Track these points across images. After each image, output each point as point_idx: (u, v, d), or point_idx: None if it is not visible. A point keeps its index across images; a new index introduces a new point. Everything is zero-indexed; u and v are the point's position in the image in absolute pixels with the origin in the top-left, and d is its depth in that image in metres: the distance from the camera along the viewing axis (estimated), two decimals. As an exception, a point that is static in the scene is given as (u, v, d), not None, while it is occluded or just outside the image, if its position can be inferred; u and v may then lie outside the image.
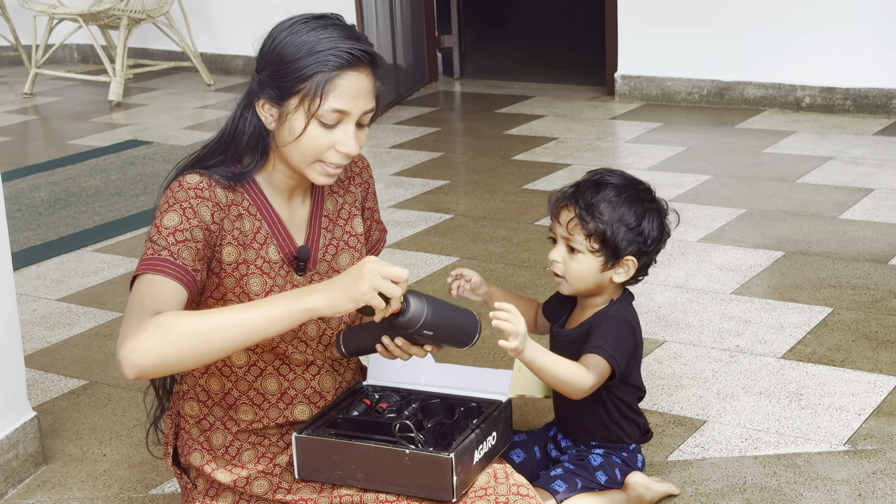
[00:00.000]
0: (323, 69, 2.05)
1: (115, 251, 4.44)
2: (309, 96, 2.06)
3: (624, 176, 2.35)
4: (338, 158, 2.11)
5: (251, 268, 2.16)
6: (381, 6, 6.62)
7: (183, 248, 2.05)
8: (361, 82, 2.08)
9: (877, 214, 4.40)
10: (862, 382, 3.10)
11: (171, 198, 2.10)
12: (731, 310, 3.61)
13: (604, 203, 2.28)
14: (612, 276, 2.33)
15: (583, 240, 2.29)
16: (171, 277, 2.02)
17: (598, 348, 2.28)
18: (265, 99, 2.11)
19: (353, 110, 2.08)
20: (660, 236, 2.34)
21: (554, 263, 2.33)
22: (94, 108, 7.04)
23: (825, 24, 5.90)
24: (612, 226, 2.27)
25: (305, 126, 2.07)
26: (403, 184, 5.13)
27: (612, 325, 2.32)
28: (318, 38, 2.07)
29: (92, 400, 3.24)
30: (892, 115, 5.81)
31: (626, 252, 2.30)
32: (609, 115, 6.22)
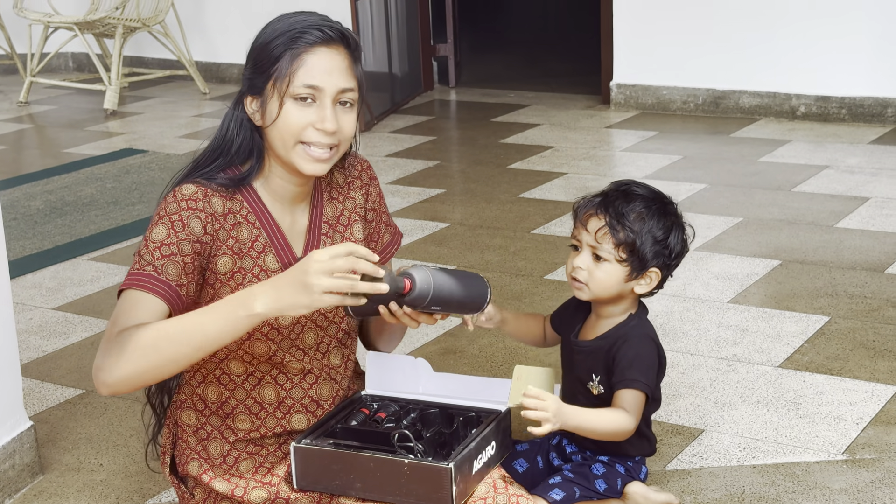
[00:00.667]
0: (292, 47, 2.07)
1: (111, 260, 4.43)
2: (280, 76, 2.07)
3: (650, 188, 2.37)
4: (318, 136, 2.09)
5: (248, 276, 2.16)
6: (376, 15, 6.63)
7: (168, 262, 2.05)
8: (333, 58, 2.08)
9: (873, 223, 4.40)
10: (859, 391, 3.10)
11: (163, 209, 2.10)
12: (728, 318, 3.61)
13: (634, 214, 2.29)
14: (633, 287, 2.34)
15: (611, 248, 2.30)
16: (152, 293, 2.03)
17: (632, 381, 2.28)
18: (250, 94, 2.13)
19: (325, 86, 2.08)
20: (682, 251, 2.37)
21: (578, 270, 2.32)
22: (90, 116, 7.03)
23: (820, 34, 5.91)
24: (642, 236, 2.29)
25: (280, 106, 2.08)
26: (399, 192, 5.13)
27: (638, 347, 2.32)
28: (289, 23, 2.11)
29: (88, 409, 3.23)
30: (887, 124, 5.82)
31: (651, 264, 2.31)
32: (605, 123, 6.22)
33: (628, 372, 2.29)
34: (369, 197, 2.34)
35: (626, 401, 2.29)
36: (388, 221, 2.40)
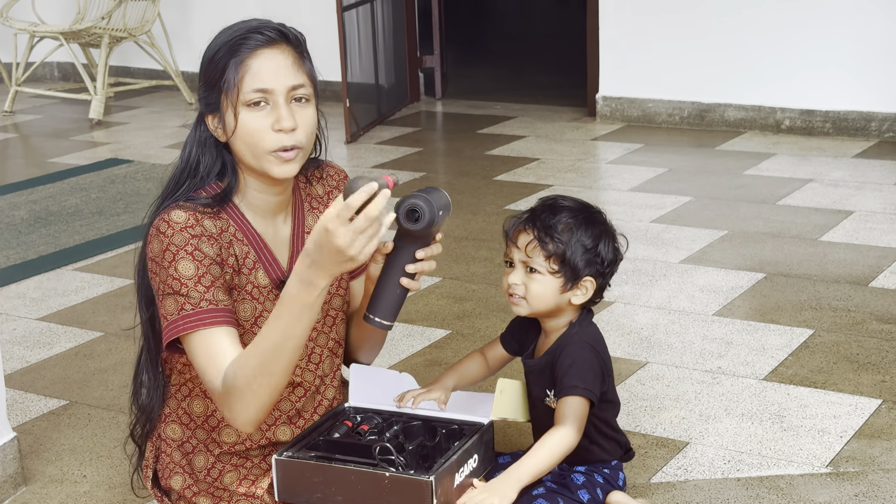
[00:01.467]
0: (235, 55, 2.07)
1: (96, 270, 4.42)
2: (229, 87, 2.07)
3: (577, 200, 2.41)
4: (281, 139, 2.08)
5: (242, 293, 2.16)
6: (363, 26, 6.63)
7: (215, 290, 2.07)
8: (276, 58, 2.08)
9: (857, 237, 4.42)
10: (843, 404, 3.11)
11: (171, 244, 2.07)
12: (712, 331, 3.62)
13: (561, 225, 2.33)
14: (570, 298, 2.37)
15: (542, 261, 2.33)
16: (220, 325, 2.04)
17: (570, 388, 2.31)
18: (208, 112, 2.12)
19: (274, 87, 2.07)
20: (614, 259, 2.40)
21: (513, 286, 2.36)
22: (75, 126, 7.02)
23: (805, 48, 5.94)
24: (571, 246, 2.32)
25: (235, 117, 2.07)
26: (385, 204, 5.12)
27: (574, 354, 2.35)
28: (229, 33, 2.11)
29: (72, 420, 3.22)
30: (871, 138, 5.85)
31: (584, 273, 2.35)
32: (590, 136, 6.24)
33: (566, 379, 2.33)
34: None
35: (565, 410, 2.31)
36: None
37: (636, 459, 2.84)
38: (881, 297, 3.83)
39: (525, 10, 12.50)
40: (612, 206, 4.97)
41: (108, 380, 3.46)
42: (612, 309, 3.83)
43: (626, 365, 3.41)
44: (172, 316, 2.05)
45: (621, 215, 4.81)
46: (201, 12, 7.74)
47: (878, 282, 3.96)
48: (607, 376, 2.42)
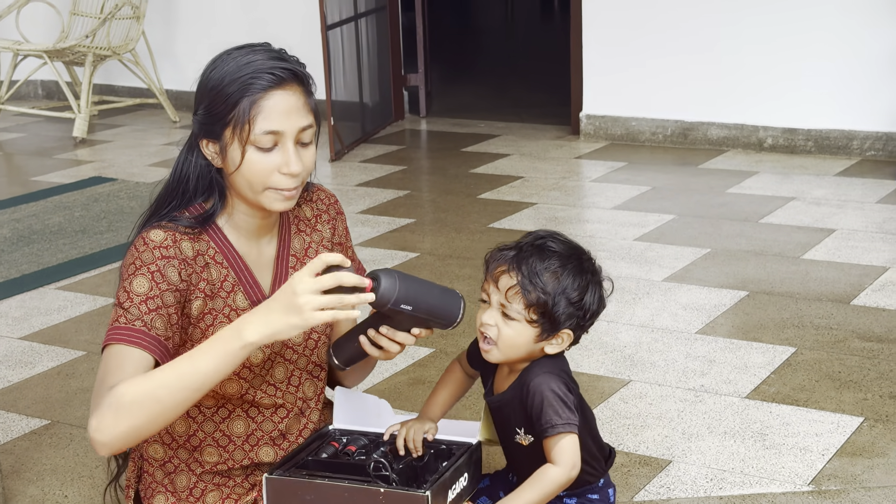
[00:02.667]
0: (246, 94, 2.04)
1: (79, 289, 4.41)
2: (239, 124, 2.05)
3: (568, 243, 2.23)
4: (285, 181, 2.08)
5: (219, 317, 2.15)
6: (347, 44, 6.65)
7: (156, 316, 2.03)
8: (289, 100, 2.06)
9: (839, 255, 4.44)
10: (825, 422, 3.12)
11: (138, 259, 2.07)
12: (695, 349, 3.63)
13: (548, 274, 2.15)
14: (543, 346, 2.21)
15: (521, 309, 2.16)
16: (143, 348, 2.00)
17: (550, 428, 2.16)
18: (205, 137, 2.11)
19: (286, 129, 2.06)
20: (598, 309, 2.24)
21: (487, 327, 2.20)
22: (59, 144, 7.00)
23: (787, 67, 5.98)
24: (555, 297, 2.14)
25: (242, 154, 2.06)
26: (369, 222, 5.13)
27: (543, 389, 2.19)
28: (240, 65, 2.07)
29: (54, 440, 3.20)
30: (852, 157, 5.88)
31: (564, 325, 2.18)
32: (574, 154, 6.25)
33: (543, 419, 2.17)
34: (336, 231, 2.34)
35: (555, 450, 2.18)
36: (352, 256, 2.40)
37: (619, 478, 2.84)
38: (863, 315, 3.85)
39: (509, 29, 12.55)
40: (595, 224, 4.98)
41: (91, 399, 3.44)
42: (595, 327, 3.81)
43: (609, 383, 3.42)
44: (111, 322, 2.05)
45: (605, 233, 4.82)
46: (186, 31, 7.75)
47: (859, 300, 3.98)
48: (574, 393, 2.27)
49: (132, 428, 1.93)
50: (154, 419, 1.94)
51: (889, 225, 4.78)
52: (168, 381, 1.93)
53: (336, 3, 6.46)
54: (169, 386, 1.92)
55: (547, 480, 2.18)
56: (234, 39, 6.27)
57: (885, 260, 4.35)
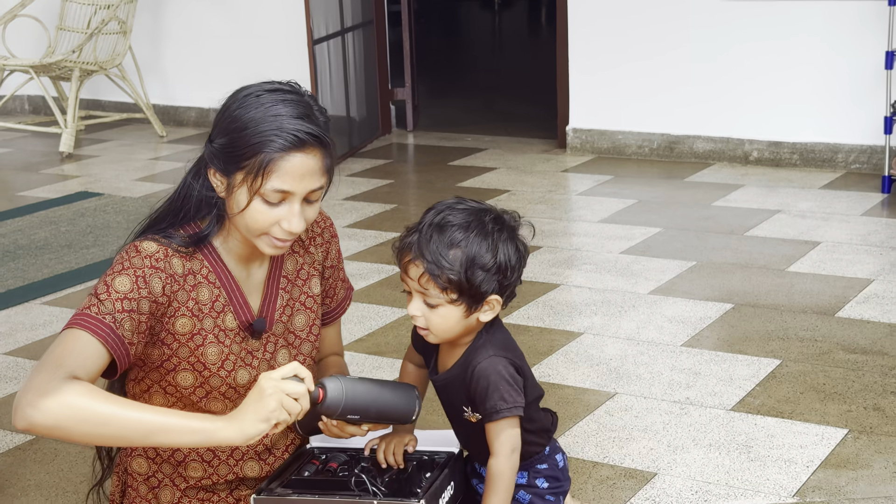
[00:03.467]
0: (266, 149, 2.03)
1: (64, 304, 4.40)
2: (252, 174, 2.04)
3: (466, 209, 2.15)
4: (283, 234, 2.09)
5: (209, 337, 2.15)
6: (334, 58, 6.66)
7: (127, 318, 2.02)
8: (307, 163, 2.05)
9: (824, 267, 4.45)
10: (810, 434, 3.13)
11: (127, 261, 2.07)
12: (681, 362, 3.64)
13: (452, 250, 2.09)
14: (478, 317, 2.17)
15: (438, 294, 2.11)
16: (104, 343, 1.98)
17: (494, 413, 2.15)
18: (215, 168, 2.11)
19: (296, 190, 2.06)
20: (518, 261, 2.18)
21: (415, 318, 2.17)
22: (45, 159, 6.99)
23: (772, 80, 6.00)
24: (466, 272, 2.09)
25: (248, 202, 2.06)
26: (357, 236, 5.13)
27: (489, 373, 2.17)
28: (266, 115, 2.04)
29: (38, 455, 3.19)
30: (837, 170, 5.90)
31: (487, 293, 2.14)
32: (561, 167, 6.27)
33: (487, 404, 2.15)
34: (329, 255, 2.34)
35: (497, 438, 2.17)
36: (343, 278, 2.40)
37: (605, 490, 2.85)
38: (847, 327, 3.86)
39: (496, 43, 12.59)
40: (581, 237, 5.00)
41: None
42: (580, 340, 3.84)
43: (594, 396, 3.42)
44: (81, 307, 2.02)
45: (591, 246, 4.83)
46: (173, 46, 7.75)
47: (844, 312, 3.99)
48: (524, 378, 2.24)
49: (65, 426, 1.88)
50: (87, 436, 1.90)
51: (874, 237, 4.80)
52: (129, 419, 1.90)
53: (323, 18, 6.47)
54: (126, 424, 1.90)
55: (498, 478, 2.16)
56: (221, 54, 6.27)
57: (869, 272, 4.37)
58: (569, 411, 3.33)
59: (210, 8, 7.57)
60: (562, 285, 4.38)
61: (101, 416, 1.88)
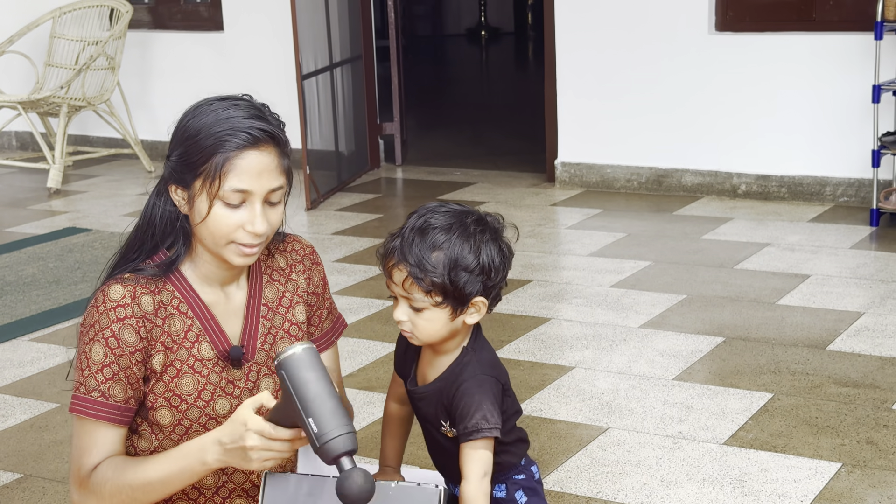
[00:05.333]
0: (220, 150, 2.04)
1: (52, 340, 4.37)
2: (210, 178, 2.05)
3: (449, 211, 2.16)
4: (248, 238, 2.09)
5: (184, 367, 2.14)
6: (323, 93, 6.67)
7: (113, 384, 2.08)
8: (262, 160, 2.06)
9: (814, 300, 4.45)
10: (803, 468, 3.12)
11: (97, 322, 2.09)
12: (673, 396, 3.63)
13: (434, 252, 2.10)
14: (464, 320, 2.17)
15: (423, 297, 2.11)
16: (105, 421, 2.09)
17: (474, 433, 2.13)
18: (175, 183, 2.11)
19: (255, 189, 2.07)
20: (502, 262, 2.18)
21: (401, 323, 2.16)
22: (33, 195, 6.98)
23: (760, 114, 6.03)
24: (450, 274, 2.09)
25: (209, 208, 2.06)
26: (346, 270, 5.12)
27: (474, 390, 2.15)
28: (218, 118, 2.07)
29: (26, 494, 3.16)
30: (826, 203, 5.92)
31: (472, 295, 2.14)
32: (550, 201, 6.28)
33: (470, 422, 2.13)
34: (311, 281, 2.32)
35: (471, 458, 2.15)
36: (330, 308, 2.38)
37: (598, 527, 2.83)
38: (839, 360, 3.86)
39: (484, 78, 12.64)
40: (571, 271, 4.99)
41: (64, 452, 3.41)
42: (572, 374, 3.83)
43: (587, 430, 3.41)
44: (74, 385, 2.12)
45: (581, 280, 4.83)
46: (161, 81, 7.76)
47: (835, 345, 3.99)
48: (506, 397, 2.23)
49: None
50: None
51: (863, 270, 4.81)
52: (142, 485, 2.07)
53: (311, 53, 6.49)
54: (144, 488, 2.07)
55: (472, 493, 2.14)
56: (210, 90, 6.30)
57: (859, 305, 4.38)
58: (561, 446, 3.32)
59: (198, 43, 7.58)
60: (552, 319, 4.37)
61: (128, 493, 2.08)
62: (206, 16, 7.63)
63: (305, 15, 6.36)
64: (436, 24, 15.47)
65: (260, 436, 1.96)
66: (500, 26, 15.03)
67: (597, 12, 6.32)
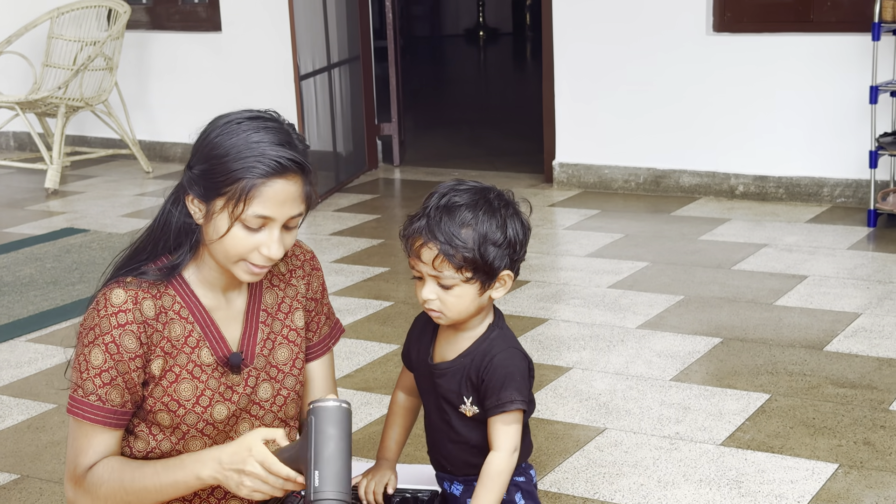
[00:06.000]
0: (248, 175, 2.04)
1: (50, 341, 4.37)
2: (233, 200, 2.05)
3: (470, 189, 2.20)
4: (261, 260, 2.10)
5: (182, 372, 2.14)
6: (321, 94, 6.67)
7: (111, 389, 2.09)
8: (288, 189, 2.07)
9: (811, 301, 4.46)
10: (801, 469, 3.12)
11: (97, 326, 2.09)
12: (670, 396, 3.63)
13: (464, 229, 2.13)
14: (490, 295, 2.20)
15: (453, 273, 2.14)
16: (102, 424, 2.11)
17: (509, 403, 2.15)
18: (194, 195, 2.10)
19: (277, 216, 2.07)
20: (525, 236, 2.21)
21: (429, 301, 2.18)
22: (31, 195, 6.97)
23: (758, 114, 6.03)
24: (480, 249, 2.13)
25: (229, 228, 2.07)
26: (343, 271, 5.12)
27: (508, 363, 2.18)
28: (248, 142, 2.06)
29: (23, 495, 3.16)
30: (823, 203, 5.92)
31: (500, 269, 2.18)
32: (548, 202, 6.28)
33: (504, 394, 2.16)
34: (310, 287, 2.32)
35: (502, 430, 2.16)
36: (328, 314, 2.37)
37: (595, 527, 2.83)
38: (836, 361, 3.86)
39: (482, 78, 12.63)
40: (569, 271, 4.99)
41: (61, 453, 3.41)
42: (569, 375, 3.83)
43: (584, 431, 3.41)
44: (71, 387, 2.14)
45: (579, 281, 4.83)
46: (159, 81, 7.76)
47: (832, 346, 3.99)
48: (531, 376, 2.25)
49: None
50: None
51: (860, 271, 4.81)
52: (136, 490, 2.10)
53: (309, 54, 6.49)
54: (136, 494, 2.11)
55: (497, 475, 2.15)
56: (207, 90, 6.28)
57: (856, 306, 4.38)
58: (558, 447, 3.32)
59: (196, 44, 7.58)
60: (550, 320, 4.37)
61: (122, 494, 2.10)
62: (204, 16, 7.63)
63: (303, 15, 6.36)
64: (434, 25, 15.47)
65: (261, 465, 1.98)
66: (499, 27, 15.03)
67: (594, 13, 6.33)
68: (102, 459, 2.12)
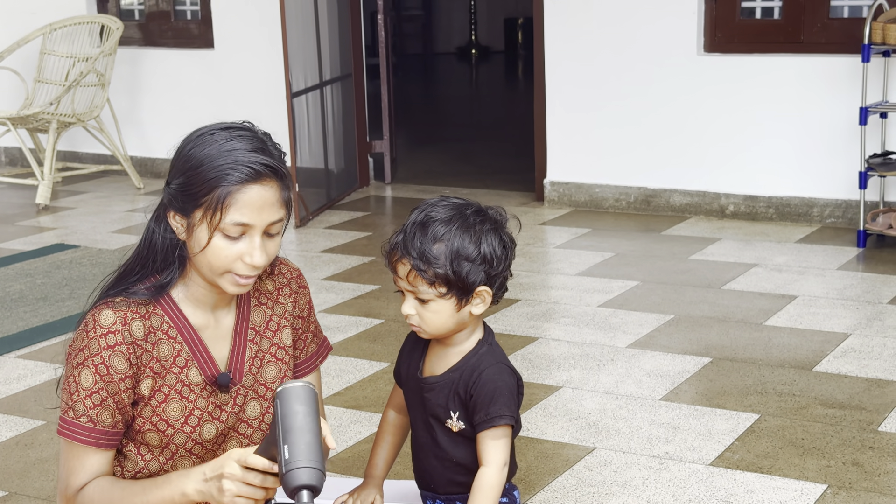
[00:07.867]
0: (223, 183, 2.04)
1: (39, 357, 4.36)
2: (211, 209, 2.05)
3: (449, 205, 2.22)
4: (246, 270, 2.10)
5: (171, 392, 2.14)
6: (312, 111, 6.68)
7: (101, 410, 2.09)
8: (264, 195, 2.07)
9: (801, 321, 4.47)
10: (790, 490, 3.12)
11: (87, 347, 2.09)
12: (660, 416, 3.63)
13: (436, 244, 2.16)
14: (470, 311, 2.22)
15: (427, 288, 2.17)
16: (94, 445, 2.10)
17: (497, 418, 2.16)
18: (175, 211, 2.11)
19: (256, 223, 2.07)
20: (504, 252, 2.22)
21: (409, 316, 2.22)
22: (21, 211, 6.97)
23: (748, 135, 6.06)
24: (452, 265, 2.15)
25: (209, 239, 2.07)
26: (334, 288, 5.12)
27: (496, 379, 2.20)
28: (221, 150, 2.07)
29: (11, 512, 3.15)
30: (813, 224, 5.94)
31: (475, 285, 2.19)
32: (538, 220, 6.29)
33: (493, 408, 2.17)
34: (297, 305, 2.32)
35: (491, 445, 2.17)
36: (315, 332, 2.38)
37: (584, 547, 2.83)
38: (825, 381, 3.87)
39: (474, 97, 12.66)
40: (559, 290, 5.00)
41: (50, 470, 3.40)
42: (559, 394, 3.83)
43: (573, 451, 3.41)
44: (62, 408, 2.13)
45: (569, 300, 4.84)
46: (150, 98, 7.76)
47: (822, 366, 4.00)
48: (519, 393, 2.26)
49: None
50: None
51: (850, 292, 4.82)
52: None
53: (301, 71, 6.50)
54: None
55: (488, 489, 2.15)
56: (199, 107, 6.28)
57: (846, 326, 4.39)
58: (548, 466, 3.32)
59: (188, 60, 7.59)
60: (540, 339, 4.37)
61: None
62: (197, 33, 7.64)
63: (296, 33, 6.38)
64: (426, 43, 15.51)
65: (238, 464, 1.96)
66: (490, 45, 15.08)
67: (586, 33, 6.35)
68: (93, 479, 2.12)
